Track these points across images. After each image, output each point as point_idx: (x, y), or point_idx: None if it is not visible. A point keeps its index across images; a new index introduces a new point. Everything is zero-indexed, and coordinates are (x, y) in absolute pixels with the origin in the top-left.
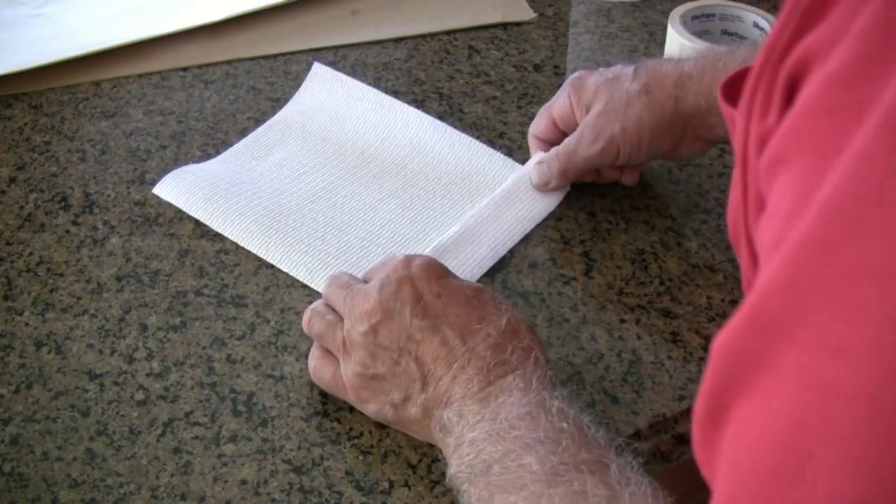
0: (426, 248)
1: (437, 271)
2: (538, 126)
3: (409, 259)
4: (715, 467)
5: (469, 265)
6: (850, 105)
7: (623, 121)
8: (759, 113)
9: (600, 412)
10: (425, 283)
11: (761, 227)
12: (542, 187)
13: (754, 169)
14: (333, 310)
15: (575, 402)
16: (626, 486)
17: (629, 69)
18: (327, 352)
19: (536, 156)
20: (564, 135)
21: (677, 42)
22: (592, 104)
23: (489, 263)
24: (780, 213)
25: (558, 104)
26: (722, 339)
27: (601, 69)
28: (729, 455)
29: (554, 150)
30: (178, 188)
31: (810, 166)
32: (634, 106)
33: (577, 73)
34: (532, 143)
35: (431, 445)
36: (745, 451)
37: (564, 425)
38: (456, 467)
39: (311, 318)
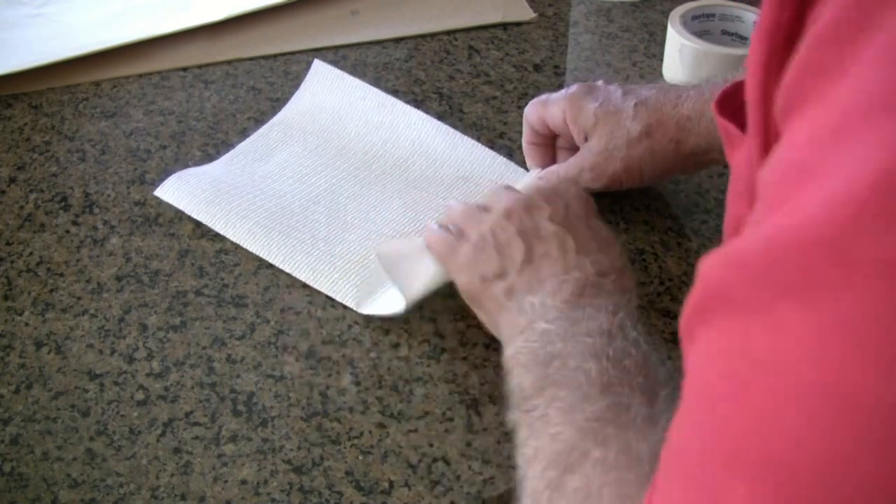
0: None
1: (589, 205)
2: (531, 131)
3: (570, 183)
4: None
5: None
6: (833, 65)
7: (626, 161)
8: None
9: None
10: (575, 204)
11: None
12: None
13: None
14: (458, 222)
15: (651, 341)
16: (666, 413)
17: (629, 103)
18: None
19: (535, 171)
20: (555, 135)
21: (677, 42)
22: (591, 134)
23: None
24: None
25: (552, 113)
26: (710, 264)
27: (598, 89)
28: (688, 367)
29: (555, 170)
30: (179, 191)
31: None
32: (636, 148)
33: (573, 90)
34: (528, 151)
35: (431, 445)
36: (699, 369)
37: (633, 350)
38: (517, 349)
39: (464, 211)
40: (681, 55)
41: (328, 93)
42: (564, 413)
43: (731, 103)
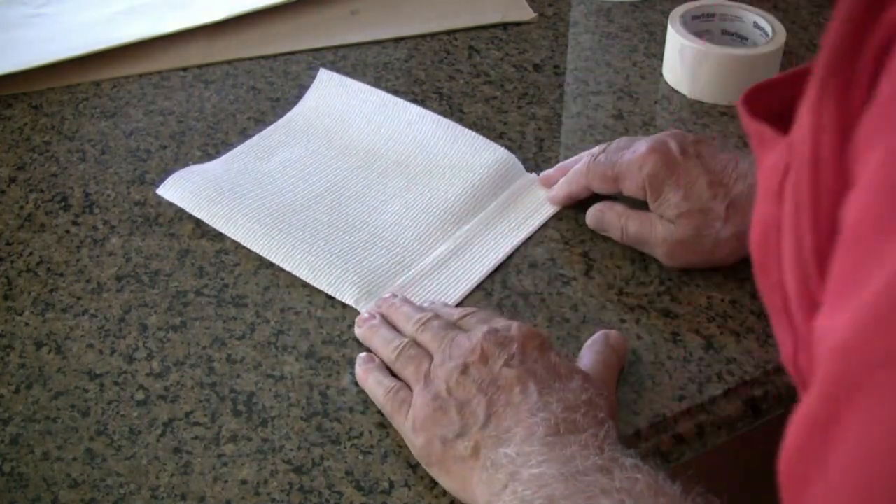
0: (428, 253)
1: (545, 344)
2: (592, 180)
3: (521, 326)
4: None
5: (467, 270)
6: None
7: (706, 257)
8: (836, 100)
9: None
10: (530, 346)
11: (850, 205)
12: (602, 227)
13: (831, 169)
14: (424, 345)
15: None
16: None
17: (720, 205)
18: (395, 378)
19: (555, 189)
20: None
21: (677, 42)
22: (673, 220)
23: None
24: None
25: (629, 187)
26: (844, 337)
27: (676, 165)
28: (845, 462)
29: (624, 213)
30: (181, 189)
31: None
32: (722, 249)
33: (649, 167)
34: (567, 185)
35: None
36: (875, 456)
37: (639, 476)
38: (508, 503)
39: (402, 351)
40: (681, 55)
41: (332, 98)
42: None
43: (758, 103)
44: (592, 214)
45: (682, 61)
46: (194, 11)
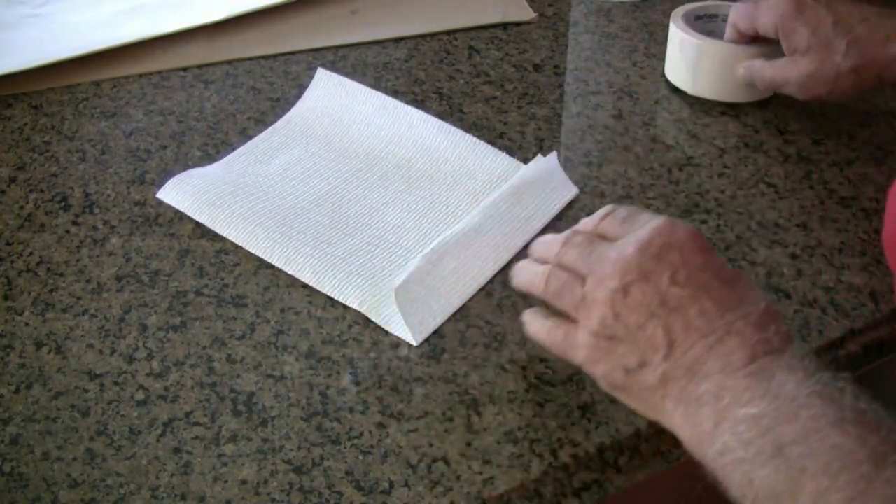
0: (430, 247)
1: (703, 244)
2: (736, 31)
3: (672, 224)
4: None
5: (472, 266)
6: None
7: (830, 87)
8: None
9: (600, 412)
10: (690, 253)
11: None
12: (750, 81)
13: None
14: (573, 268)
15: (855, 387)
16: None
17: (841, 41)
18: (554, 313)
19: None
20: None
21: (678, 38)
22: (801, 54)
23: (496, 266)
24: None
25: (763, 23)
26: None
27: (807, 8)
28: None
29: (763, 67)
30: (181, 192)
31: None
32: (843, 81)
33: (784, 7)
34: (739, 22)
35: (431, 445)
36: None
37: (864, 405)
38: (725, 445)
39: (549, 278)
40: (682, 51)
41: (331, 98)
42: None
43: None
44: (743, 73)
45: (684, 56)
46: (194, 11)
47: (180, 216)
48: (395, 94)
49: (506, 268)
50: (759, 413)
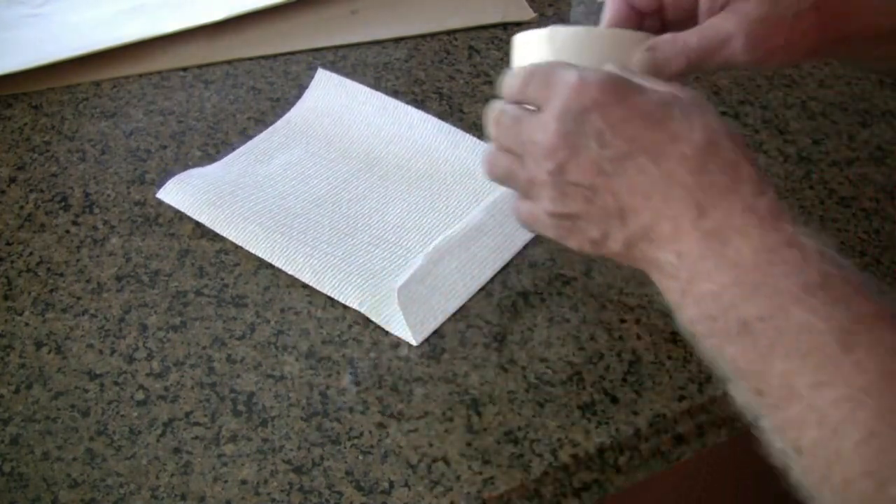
0: (431, 246)
1: (620, 90)
2: (622, 5)
3: (584, 82)
4: None
5: (472, 266)
6: None
7: (786, 33)
8: None
9: (600, 412)
10: (609, 107)
11: None
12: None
13: None
14: (510, 149)
15: (822, 235)
16: None
17: None
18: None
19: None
20: (660, 7)
21: (536, 41)
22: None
23: (496, 266)
24: None
25: None
26: None
27: None
28: None
29: (678, 38)
30: (181, 192)
31: None
32: (804, 22)
33: None
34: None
35: (431, 445)
36: None
37: (827, 267)
38: (692, 318)
39: (492, 164)
40: (544, 52)
41: (331, 98)
42: (820, 386)
43: None
44: (643, 61)
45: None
46: (194, 11)
47: (180, 216)
48: (395, 94)
49: (506, 268)
50: (719, 290)
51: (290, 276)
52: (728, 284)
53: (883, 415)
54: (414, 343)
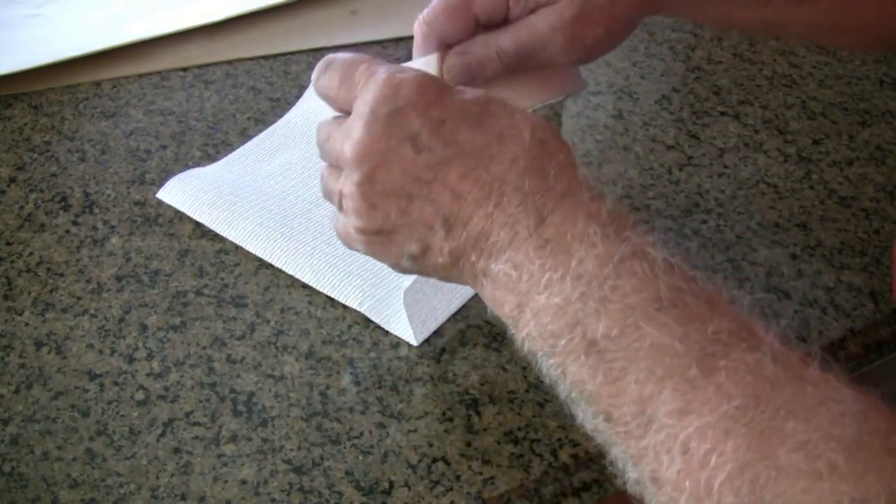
0: None
1: (432, 90)
2: (441, 19)
3: (393, 80)
4: None
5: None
6: None
7: (609, 22)
8: None
9: None
10: (423, 109)
11: None
12: (464, 80)
13: None
14: (333, 165)
15: (670, 245)
16: (807, 366)
17: None
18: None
19: (432, 57)
20: (476, 31)
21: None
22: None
23: None
24: None
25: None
26: None
27: None
28: None
29: (488, 39)
30: (181, 192)
31: None
32: (620, 5)
33: None
34: (422, 32)
35: (431, 445)
36: None
37: (680, 282)
38: (531, 334)
39: (321, 183)
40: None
41: None
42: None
43: None
44: (454, 66)
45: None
46: (194, 11)
47: (180, 216)
48: None
49: None
50: (562, 303)
51: (290, 276)
52: (572, 299)
53: (752, 444)
54: (414, 343)
